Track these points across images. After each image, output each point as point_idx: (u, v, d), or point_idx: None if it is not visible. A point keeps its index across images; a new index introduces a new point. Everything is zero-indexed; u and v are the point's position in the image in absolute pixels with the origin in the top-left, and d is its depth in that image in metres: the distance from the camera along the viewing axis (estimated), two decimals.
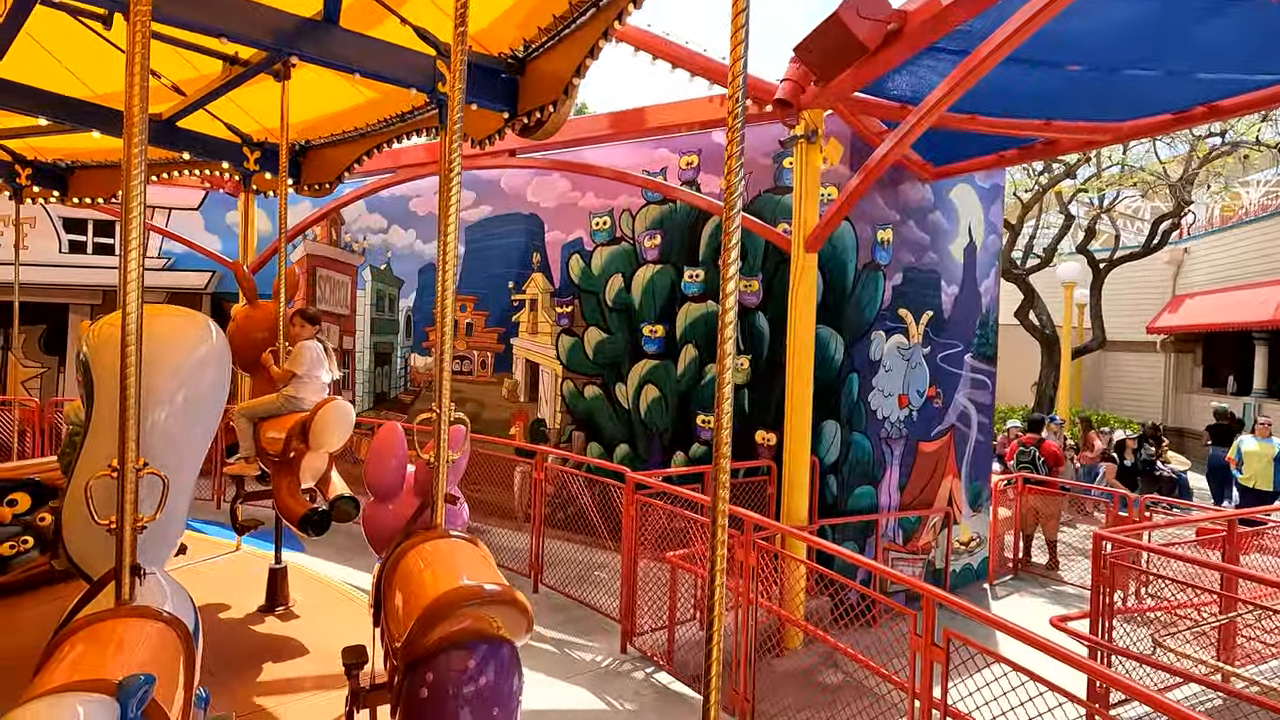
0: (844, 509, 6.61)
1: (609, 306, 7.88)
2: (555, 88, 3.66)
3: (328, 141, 5.42)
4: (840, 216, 5.80)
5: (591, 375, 8.02)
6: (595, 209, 8.00)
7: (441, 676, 1.97)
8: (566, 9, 3.43)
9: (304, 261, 10.91)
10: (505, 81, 3.88)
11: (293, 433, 3.78)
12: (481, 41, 3.85)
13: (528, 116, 3.87)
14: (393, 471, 2.82)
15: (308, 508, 3.79)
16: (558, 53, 3.69)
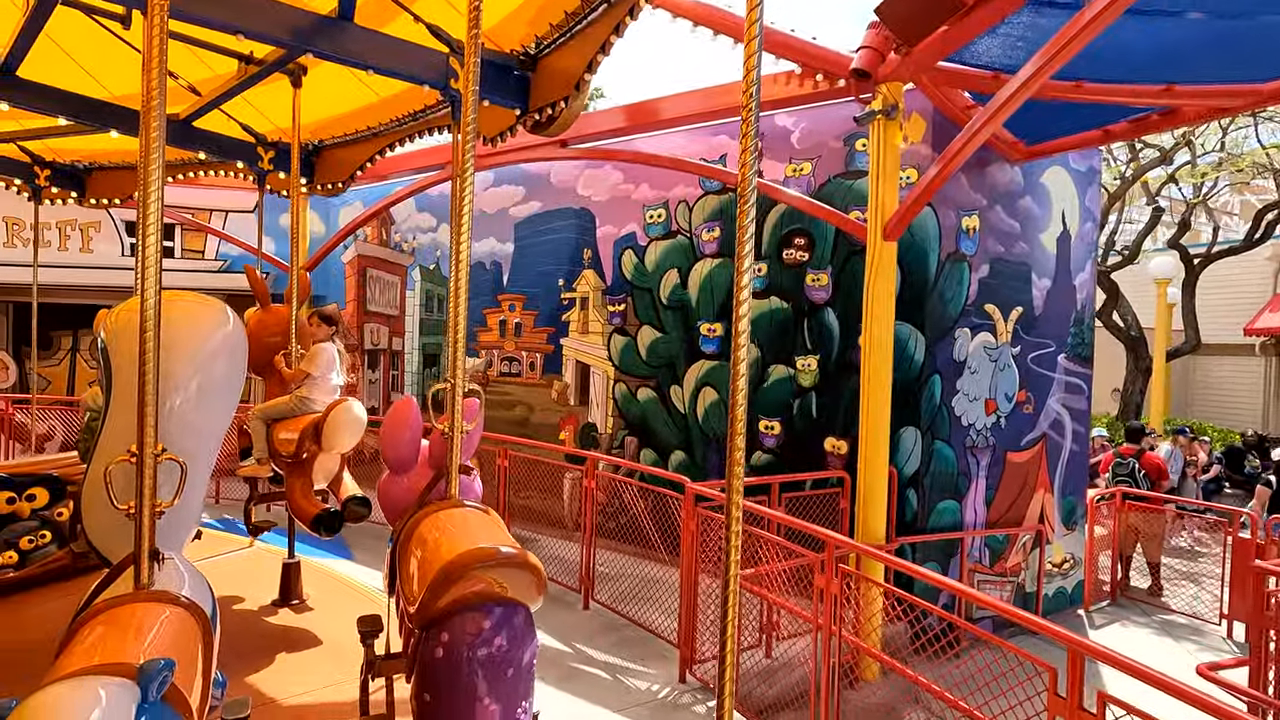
0: (925, 526, 5.97)
1: (664, 304, 7.42)
2: (567, 84, 3.65)
3: (340, 141, 5.49)
4: (924, 201, 5.20)
5: (645, 377, 7.57)
6: (649, 201, 7.56)
7: (456, 637, 1.99)
8: (579, 5, 3.41)
9: (355, 262, 10.82)
10: (517, 78, 3.88)
11: (305, 434, 3.79)
12: (494, 38, 3.86)
13: (539, 113, 3.85)
14: (407, 444, 2.84)
15: (320, 508, 3.81)
16: (570, 49, 3.67)
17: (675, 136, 7.35)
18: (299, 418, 3.96)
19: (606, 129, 7.38)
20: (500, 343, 8.91)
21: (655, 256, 7.49)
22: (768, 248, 6.75)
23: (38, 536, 4.29)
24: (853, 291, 6.19)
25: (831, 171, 6.40)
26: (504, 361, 8.88)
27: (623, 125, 7.29)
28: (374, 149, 5.26)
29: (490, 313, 9.03)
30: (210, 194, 11.04)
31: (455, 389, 2.49)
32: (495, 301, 8.97)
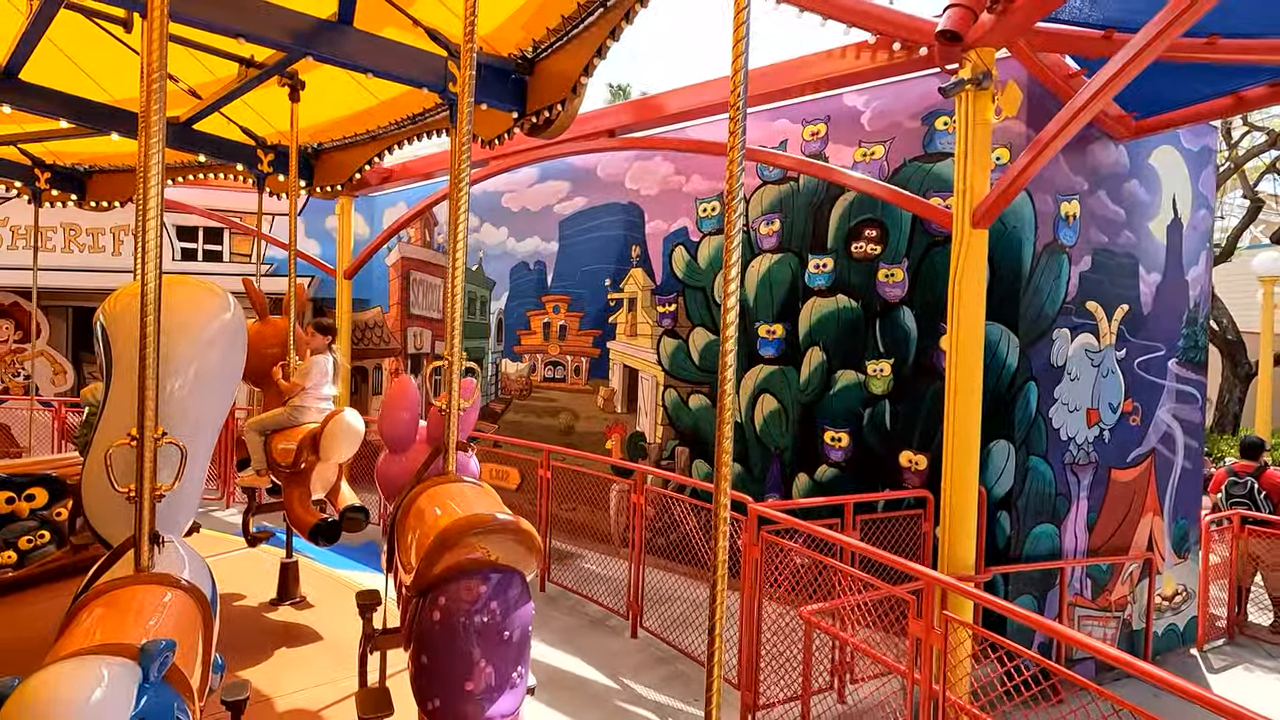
0: (1019, 554, 5.24)
1: (718, 304, 6.86)
2: (564, 87, 3.68)
3: (339, 144, 5.45)
4: (1021, 184, 4.52)
5: (697, 383, 7.01)
6: (701, 193, 7.02)
7: (452, 601, 2.02)
8: (574, 10, 3.43)
9: (399, 265, 10.59)
10: (515, 82, 3.91)
11: (303, 445, 3.82)
12: (491, 42, 3.87)
13: (536, 116, 3.88)
14: (405, 424, 2.91)
15: (318, 518, 3.83)
16: (566, 53, 3.68)
17: None
18: (296, 428, 4.02)
19: (655, 116, 6.87)
20: (544, 346, 8.49)
21: (709, 253, 6.95)
22: (834, 241, 6.13)
23: (36, 536, 4.32)
24: (933, 287, 5.52)
25: (907, 154, 5.75)
26: (548, 366, 8.45)
27: (672, 112, 6.77)
28: (373, 151, 5.20)
29: (534, 315, 8.62)
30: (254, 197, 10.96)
31: (453, 368, 2.53)
32: (539, 303, 8.55)
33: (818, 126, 6.25)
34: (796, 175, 6.34)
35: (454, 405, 2.55)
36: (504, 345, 9.01)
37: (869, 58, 5.39)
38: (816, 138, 6.26)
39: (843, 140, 6.11)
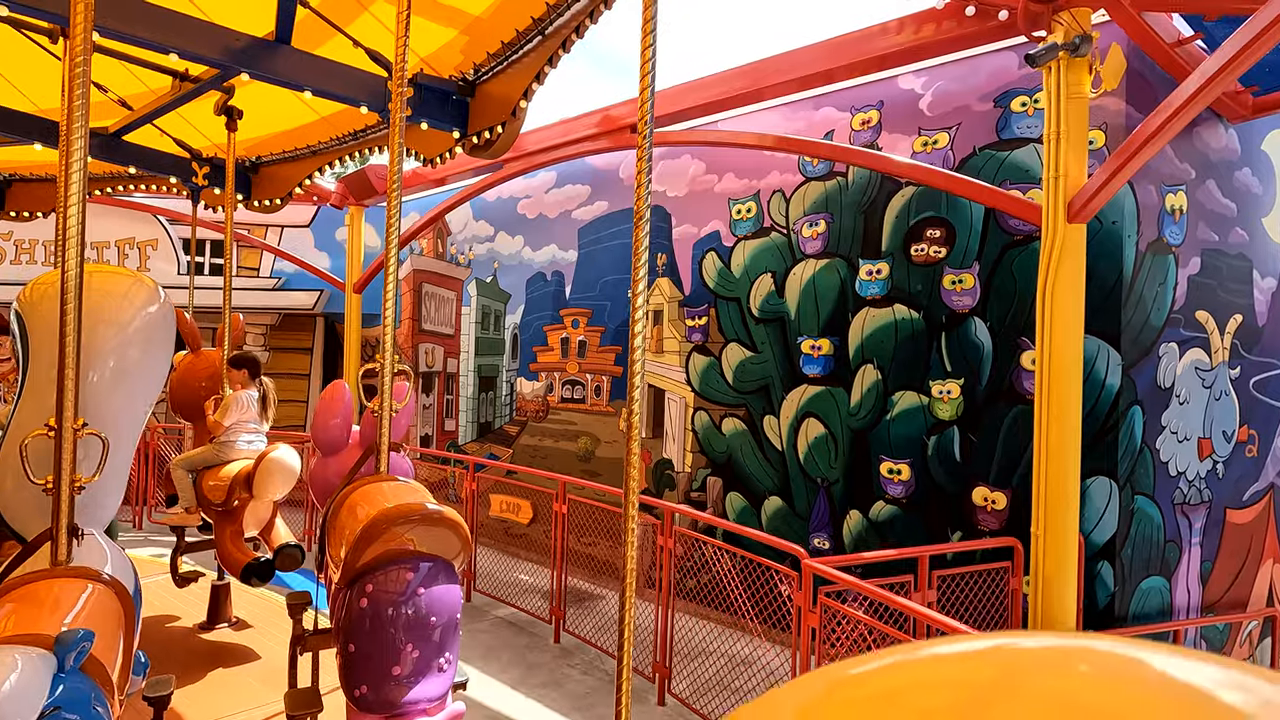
0: (1125, 613, 4.37)
1: (755, 316, 6.11)
2: (504, 110, 3.76)
3: (279, 158, 5.38)
4: (1131, 169, 3.74)
5: (732, 405, 6.25)
6: (735, 193, 6.30)
7: (379, 588, 2.07)
8: (514, 37, 3.54)
9: (411, 278, 10.02)
10: (456, 103, 3.97)
11: (236, 482, 3.77)
12: (433, 64, 3.94)
13: (477, 136, 3.94)
14: (337, 428, 2.99)
15: (251, 557, 3.75)
16: (507, 76, 3.76)
17: (766, 115, 6.08)
18: (226, 465, 3.91)
19: (683, 109, 6.19)
20: (561, 364, 7.79)
21: (744, 259, 6.20)
22: (890, 243, 5.35)
23: None
24: (1011, 295, 4.71)
25: (977, 142, 4.97)
26: (565, 385, 7.75)
27: (702, 103, 6.08)
28: (314, 166, 5.15)
29: (551, 329, 7.94)
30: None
31: (385, 370, 2.58)
32: (556, 317, 7.87)
33: (869, 114, 5.50)
34: (845, 169, 5.58)
35: (387, 407, 2.58)
36: (519, 363, 8.34)
37: (933, 29, 4.65)
38: (867, 126, 5.50)
39: (899, 129, 5.35)
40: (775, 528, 5.87)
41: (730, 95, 5.94)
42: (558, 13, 3.32)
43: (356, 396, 3.21)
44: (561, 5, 3.28)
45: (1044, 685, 0.34)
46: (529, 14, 3.42)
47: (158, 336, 2.69)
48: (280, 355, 11.17)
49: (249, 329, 10.93)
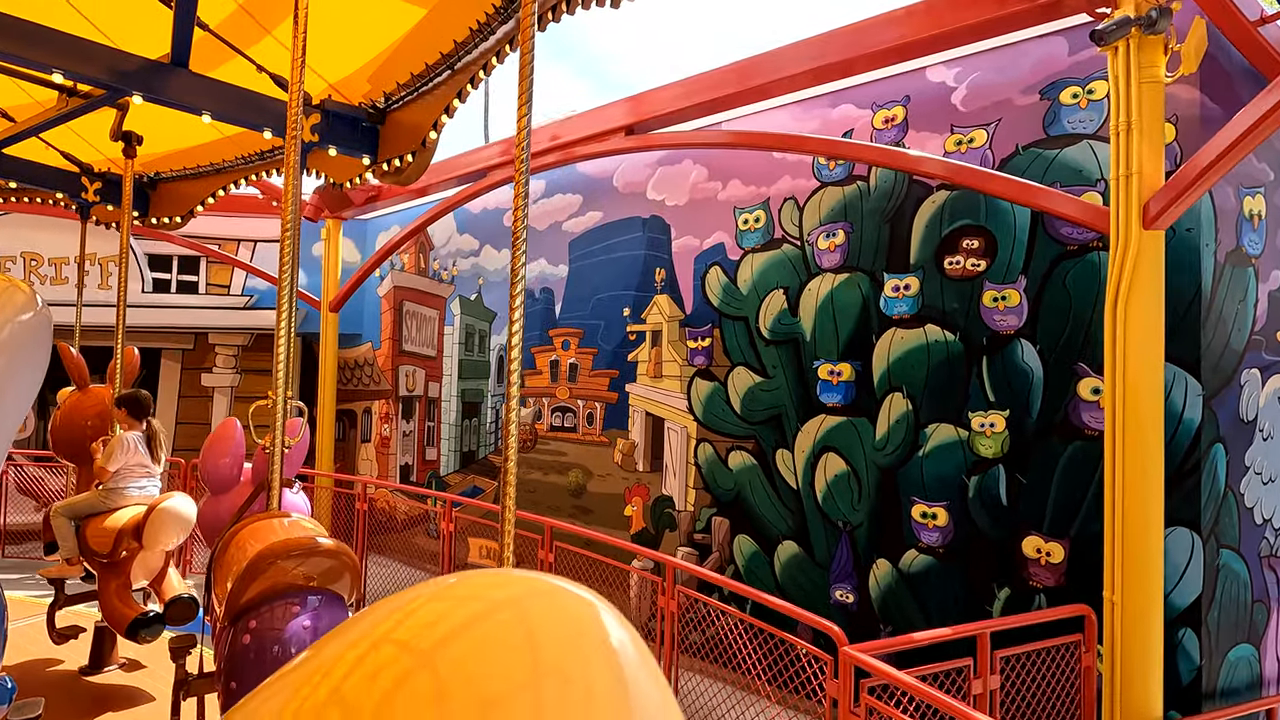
0: (1213, 689, 3.69)
1: (765, 337, 5.46)
2: (414, 139, 3.75)
3: (180, 175, 5.16)
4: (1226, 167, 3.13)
5: (740, 436, 5.58)
6: (742, 201, 5.68)
7: (263, 624, 2.03)
8: (423, 69, 3.56)
9: (391, 295, 9.38)
10: (366, 129, 3.95)
11: (125, 531, 3.57)
12: (342, 90, 3.91)
13: (388, 164, 3.92)
14: (227, 467, 3.01)
15: (138, 611, 3.55)
16: (417, 107, 3.75)
17: (775, 114, 5.48)
18: (113, 512, 3.68)
19: (680, 109, 5.58)
20: (551, 389, 7.13)
21: (752, 274, 5.57)
22: (919, 255, 4.72)
23: None
24: (1064, 313, 4.09)
25: (1020, 140, 4.36)
26: (555, 413, 7.08)
27: (702, 102, 5.48)
28: (218, 185, 4.95)
29: (540, 351, 7.28)
30: (237, 222, 9.90)
31: (278, 406, 2.52)
32: (545, 338, 7.22)
33: (893, 111, 4.90)
34: (867, 173, 4.97)
35: (279, 443, 2.53)
36: (504, 387, 7.66)
37: (971, 10, 4.06)
38: (891, 124, 4.90)
39: (928, 126, 4.74)
40: (791, 576, 5.18)
41: (734, 92, 5.33)
42: (465, 50, 3.35)
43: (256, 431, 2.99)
44: (469, 43, 3.30)
45: None
46: (438, 49, 3.43)
47: (29, 348, 2.50)
48: (253, 378, 10.48)
49: (219, 349, 10.26)
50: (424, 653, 0.59)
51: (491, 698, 0.55)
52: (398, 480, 8.98)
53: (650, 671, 0.62)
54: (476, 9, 3.13)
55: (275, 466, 2.53)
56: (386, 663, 0.59)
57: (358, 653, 0.61)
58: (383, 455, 9.26)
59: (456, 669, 0.57)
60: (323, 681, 0.60)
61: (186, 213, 5.25)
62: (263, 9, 3.42)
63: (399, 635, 0.61)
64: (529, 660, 0.58)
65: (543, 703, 0.56)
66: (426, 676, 0.57)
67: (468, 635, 0.60)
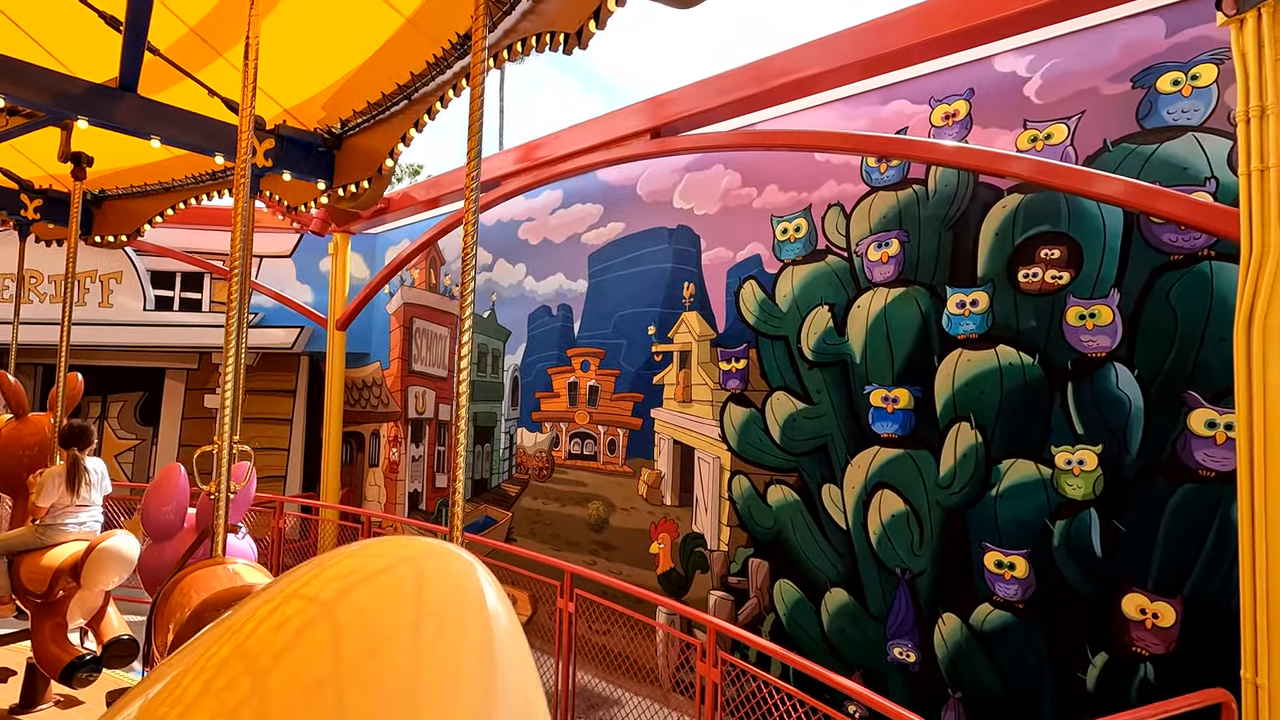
0: None
1: (808, 359, 4.92)
2: (371, 165, 3.75)
3: (127, 193, 5.01)
4: None
5: (780, 469, 5.03)
6: (780, 209, 5.16)
7: None
8: (380, 99, 3.52)
9: (401, 313, 8.93)
10: (322, 154, 3.92)
11: (61, 570, 3.41)
12: (297, 115, 3.89)
13: (343, 189, 3.91)
14: (170, 514, 2.98)
15: (73, 655, 3.36)
16: (373, 134, 3.74)
17: (818, 113, 4.97)
18: (48, 549, 3.54)
19: (709, 108, 5.09)
20: (569, 413, 6.61)
21: (792, 288, 5.04)
22: (987, 266, 4.17)
23: None
24: (1168, 334, 3.52)
25: (1109, 134, 3.81)
26: (574, 439, 6.56)
27: (734, 100, 4.98)
28: (167, 203, 4.82)
29: (557, 372, 6.78)
30: None
31: (222, 451, 2.49)
32: (563, 358, 6.72)
33: (954, 105, 4.37)
34: (925, 174, 4.44)
35: (224, 489, 2.47)
36: (520, 411, 7.16)
37: None
38: (953, 121, 4.37)
39: (996, 122, 4.20)
40: (840, 628, 4.60)
41: (770, 89, 4.83)
42: (423, 82, 3.32)
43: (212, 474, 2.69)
44: (425, 76, 3.27)
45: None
46: (394, 80, 3.41)
47: None
48: (259, 398, 10.07)
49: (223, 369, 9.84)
50: (327, 603, 0.69)
51: (378, 639, 0.65)
52: (406, 508, 8.49)
53: (512, 621, 0.72)
54: (433, 44, 3.11)
55: (220, 512, 2.44)
56: (292, 614, 0.68)
57: (269, 607, 0.69)
58: (391, 481, 8.77)
59: (354, 616, 0.67)
60: (231, 638, 0.68)
61: (133, 231, 5.06)
62: (215, 33, 3.38)
63: (309, 590, 0.70)
64: (414, 607, 0.69)
65: (420, 641, 0.67)
66: (326, 624, 0.66)
67: (368, 586, 0.71)
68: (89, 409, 10.76)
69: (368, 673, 0.62)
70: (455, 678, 0.66)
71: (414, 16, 3.04)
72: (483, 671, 0.67)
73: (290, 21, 3.20)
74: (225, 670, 0.64)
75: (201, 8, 3.27)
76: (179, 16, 3.32)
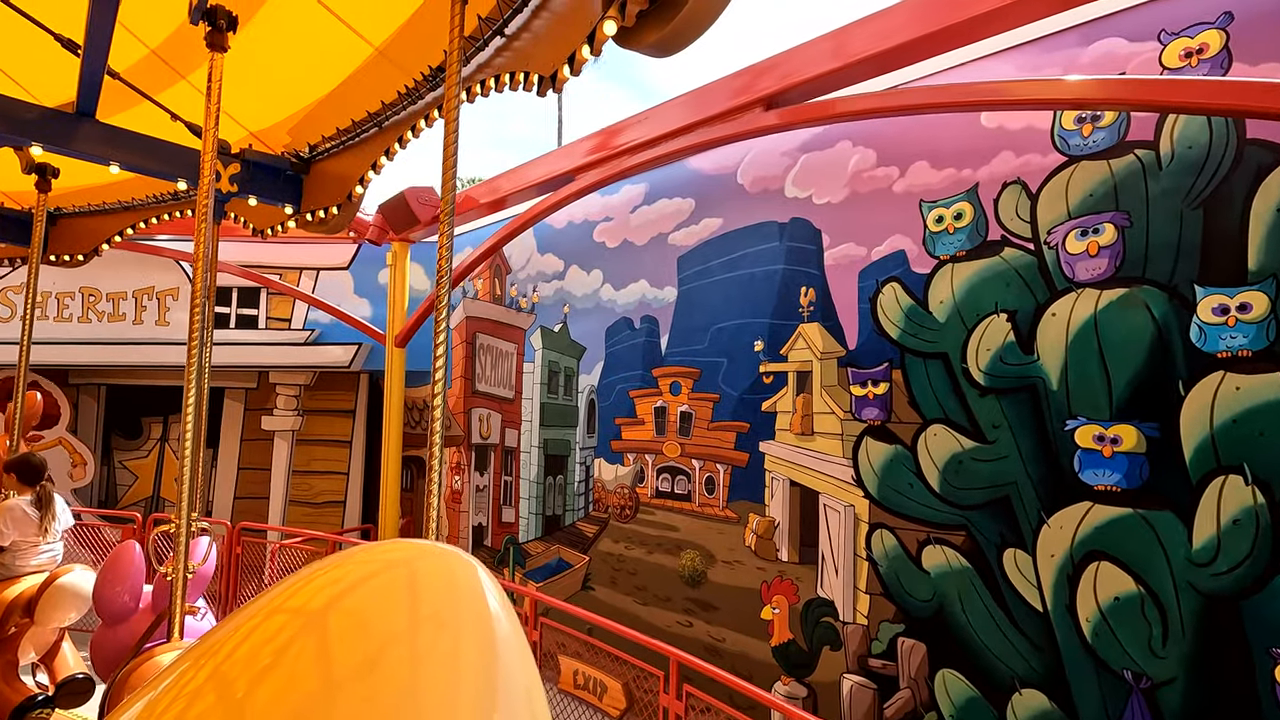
0: None
1: (979, 383, 3.79)
2: (340, 191, 3.68)
3: (84, 211, 4.87)
4: None
5: (941, 525, 3.91)
6: (933, 191, 4.07)
7: None
8: (350, 125, 3.47)
9: (463, 327, 8.17)
10: (289, 178, 3.88)
11: (14, 606, 3.41)
12: (264, 139, 3.82)
13: (311, 215, 3.86)
14: (121, 596, 2.81)
15: (23, 695, 3.29)
16: (344, 159, 3.68)
17: (988, 64, 3.87)
18: (2, 583, 3.45)
19: (832, 69, 4.04)
20: (656, 443, 5.64)
21: (953, 291, 3.93)
22: (1261, 258, 2.98)
23: None
24: None
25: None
26: (662, 474, 5.58)
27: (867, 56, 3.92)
28: (127, 222, 4.70)
29: (640, 396, 5.82)
30: (296, 249, 9.00)
31: (182, 527, 2.46)
32: (648, 378, 5.76)
33: (1198, 39, 3.20)
34: (1154, 137, 3.28)
35: (181, 566, 2.46)
36: (598, 438, 6.23)
37: None
38: (1197, 59, 3.20)
39: (1270, 55, 3.02)
40: None
41: (920, 37, 3.75)
42: (394, 111, 3.24)
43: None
44: (397, 105, 3.19)
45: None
46: (365, 108, 3.32)
47: None
48: (316, 419, 9.51)
49: (280, 389, 9.32)
50: (314, 613, 0.64)
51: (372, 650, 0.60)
52: (470, 544, 7.68)
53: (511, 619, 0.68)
54: (404, 75, 3.02)
55: (177, 592, 2.39)
56: (275, 632, 0.63)
57: (251, 624, 0.64)
58: (454, 512, 7.99)
59: (344, 624, 0.62)
60: (208, 661, 0.63)
61: (90, 250, 4.93)
62: (177, 56, 3.20)
63: (293, 603, 0.65)
64: (408, 611, 0.65)
65: (418, 648, 0.62)
66: (313, 638, 0.61)
67: (357, 592, 0.66)
68: (150, 429, 10.45)
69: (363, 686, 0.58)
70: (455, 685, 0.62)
71: (384, 48, 2.93)
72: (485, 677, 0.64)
73: (256, 46, 3.03)
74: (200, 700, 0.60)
75: (163, 30, 3.10)
76: (140, 39, 3.15)
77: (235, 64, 2.83)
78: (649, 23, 1.98)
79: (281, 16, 2.90)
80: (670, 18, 1.95)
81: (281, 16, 2.90)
